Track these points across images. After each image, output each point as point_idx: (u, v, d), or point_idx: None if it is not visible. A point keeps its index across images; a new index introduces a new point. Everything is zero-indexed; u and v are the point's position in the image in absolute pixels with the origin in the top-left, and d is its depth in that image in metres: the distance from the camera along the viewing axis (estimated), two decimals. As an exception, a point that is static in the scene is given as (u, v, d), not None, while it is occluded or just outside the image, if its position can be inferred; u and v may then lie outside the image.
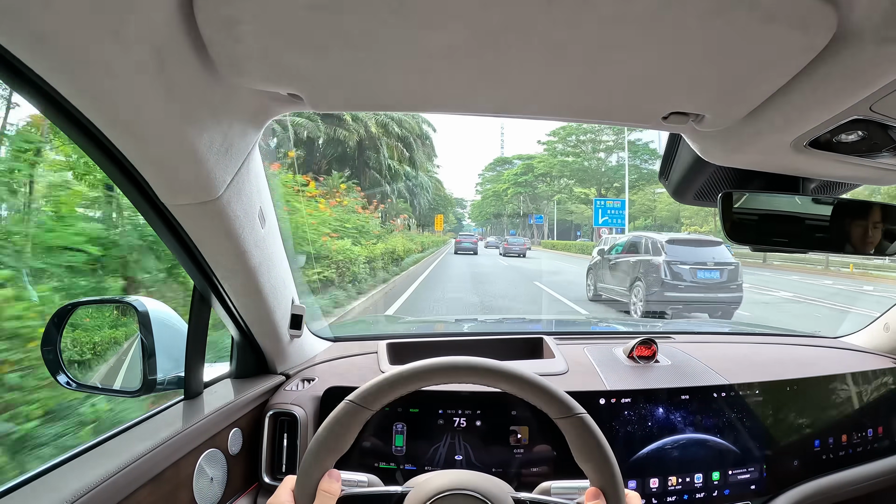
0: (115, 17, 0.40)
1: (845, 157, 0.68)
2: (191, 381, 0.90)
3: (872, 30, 0.42)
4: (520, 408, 1.00)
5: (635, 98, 0.57)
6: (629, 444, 1.01)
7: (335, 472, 0.61)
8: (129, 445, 0.73)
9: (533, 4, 0.41)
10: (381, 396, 0.62)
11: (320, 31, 0.45)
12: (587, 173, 40.62)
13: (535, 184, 45.23)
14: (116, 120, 0.52)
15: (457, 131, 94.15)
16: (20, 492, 0.63)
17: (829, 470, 1.14)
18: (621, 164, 38.08)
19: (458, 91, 0.57)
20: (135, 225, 2.50)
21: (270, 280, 0.89)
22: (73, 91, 0.48)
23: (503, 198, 50.09)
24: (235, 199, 0.70)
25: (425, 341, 1.32)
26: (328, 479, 0.59)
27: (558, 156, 41.92)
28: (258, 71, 0.52)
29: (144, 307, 0.92)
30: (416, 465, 0.98)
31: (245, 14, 0.43)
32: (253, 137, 0.68)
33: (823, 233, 0.79)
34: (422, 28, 0.44)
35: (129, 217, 2.61)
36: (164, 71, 0.47)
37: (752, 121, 0.60)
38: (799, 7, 0.40)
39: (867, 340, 1.46)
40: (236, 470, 0.93)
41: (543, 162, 43.00)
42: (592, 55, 0.48)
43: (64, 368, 0.92)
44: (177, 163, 0.59)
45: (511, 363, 0.64)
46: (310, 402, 1.02)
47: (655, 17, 0.42)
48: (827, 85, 0.50)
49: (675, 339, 1.37)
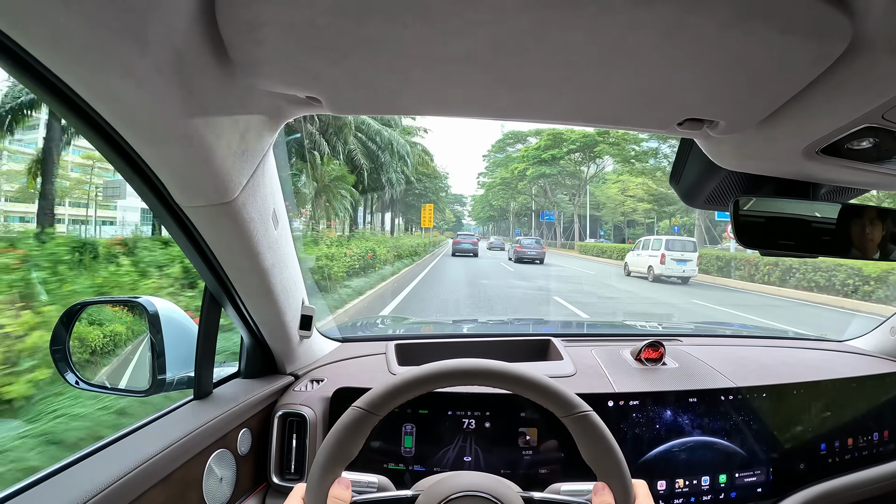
0: (134, 17, 0.40)
1: (856, 164, 0.69)
2: (201, 381, 0.91)
3: (886, 40, 0.42)
4: (528, 409, 1.00)
5: (651, 104, 0.57)
6: (637, 446, 1.01)
7: (345, 480, 0.61)
8: (141, 446, 0.73)
9: (552, 10, 0.41)
10: (389, 402, 0.62)
11: (342, 36, 0.45)
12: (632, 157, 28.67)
13: (563, 164, 31.55)
14: (133, 121, 0.52)
15: (453, 123, 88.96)
16: (33, 491, 0.63)
17: (836, 473, 1.14)
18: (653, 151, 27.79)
19: (477, 95, 0.57)
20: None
21: (282, 281, 0.89)
22: (89, 91, 0.48)
23: (515, 186, 37.03)
24: (251, 200, 0.70)
25: (433, 342, 1.32)
26: (338, 487, 0.59)
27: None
28: (278, 73, 0.52)
29: (154, 306, 0.92)
30: (424, 467, 0.98)
31: (267, 17, 0.43)
32: (269, 139, 0.68)
33: (830, 237, 0.80)
34: (442, 34, 0.44)
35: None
36: (183, 72, 0.47)
37: (766, 127, 0.61)
38: (815, 17, 0.40)
39: (874, 344, 1.47)
40: (245, 470, 0.94)
41: (580, 133, 28.78)
42: (610, 61, 0.48)
43: (73, 367, 0.92)
44: (193, 164, 0.59)
45: (519, 365, 0.64)
46: (319, 403, 1.02)
47: (674, 25, 0.42)
48: (840, 93, 0.51)
49: (683, 342, 1.38)
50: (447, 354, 0.67)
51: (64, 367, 0.92)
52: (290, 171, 11.93)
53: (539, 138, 32.36)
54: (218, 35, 0.46)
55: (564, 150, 30.58)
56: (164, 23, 0.42)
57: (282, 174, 0.81)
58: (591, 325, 1.86)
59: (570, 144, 30.06)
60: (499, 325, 1.81)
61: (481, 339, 1.39)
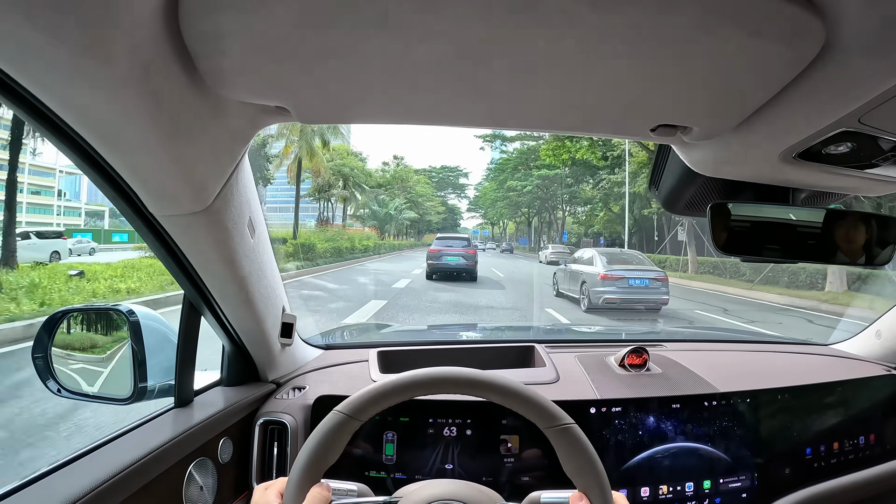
0: (98, 32, 0.40)
1: (835, 169, 0.69)
2: (181, 389, 0.90)
3: (860, 42, 0.42)
4: (510, 416, 1.00)
5: (622, 110, 0.57)
6: (620, 452, 1.01)
7: (324, 483, 0.61)
8: (119, 454, 0.73)
9: (515, 17, 0.41)
10: (370, 407, 0.62)
11: (306, 46, 0.45)
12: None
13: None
14: (103, 132, 0.52)
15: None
16: (9, 500, 0.62)
17: (822, 478, 1.14)
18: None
19: (445, 104, 0.57)
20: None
21: (260, 289, 0.89)
22: (58, 103, 0.48)
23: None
24: (224, 209, 0.70)
25: (416, 349, 1.31)
26: (317, 489, 0.59)
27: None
28: (245, 84, 0.52)
29: (135, 314, 0.92)
30: (406, 474, 0.97)
31: (229, 28, 0.43)
32: (241, 148, 0.68)
33: (814, 242, 0.80)
34: (406, 42, 0.44)
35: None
36: (151, 84, 0.47)
37: (741, 133, 0.61)
38: (786, 20, 0.40)
39: (859, 347, 1.47)
40: (226, 479, 0.93)
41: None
42: (577, 68, 0.48)
43: (54, 375, 0.92)
44: (164, 174, 0.59)
45: (500, 373, 0.64)
46: (300, 411, 1.02)
47: (640, 30, 0.42)
48: (815, 97, 0.50)
49: (667, 347, 1.38)
50: (430, 361, 0.67)
51: (46, 374, 0.92)
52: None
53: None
54: (184, 47, 0.46)
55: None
56: (129, 37, 0.42)
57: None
58: (575, 331, 1.85)
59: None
60: (482, 332, 1.80)
61: (464, 346, 1.38)
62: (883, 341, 1.41)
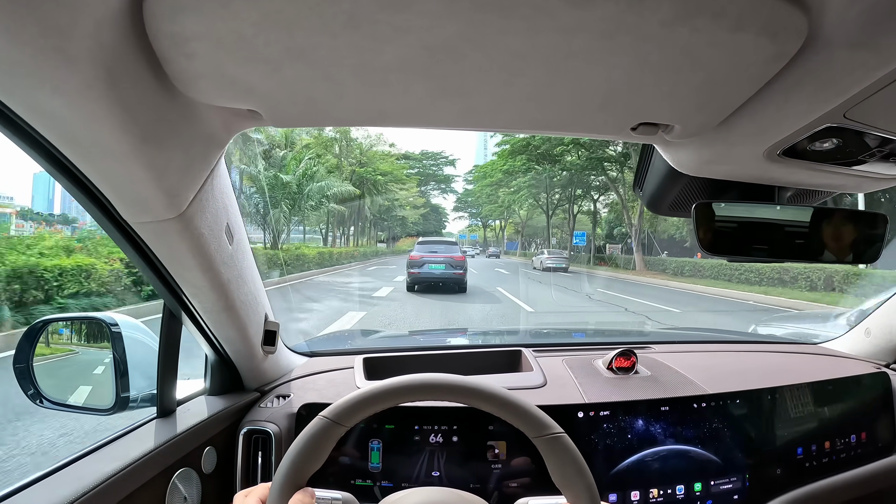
0: (57, 35, 0.39)
1: (820, 166, 0.68)
2: (163, 398, 0.89)
3: (844, 35, 0.41)
4: (497, 423, 0.98)
5: (601, 109, 0.56)
6: (609, 457, 1.00)
7: (309, 490, 0.60)
8: (99, 466, 0.71)
9: (484, 14, 0.40)
10: (355, 413, 0.61)
11: (271, 47, 0.44)
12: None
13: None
14: (70, 137, 0.51)
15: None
16: None
17: (813, 477, 1.14)
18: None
19: (417, 105, 0.56)
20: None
21: (241, 297, 0.87)
22: (24, 108, 0.47)
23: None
24: (199, 216, 0.69)
25: (402, 356, 1.30)
26: (301, 495, 0.58)
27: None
28: (213, 87, 0.51)
29: (116, 323, 0.91)
30: (392, 482, 0.96)
31: (194, 30, 0.42)
32: (216, 153, 0.67)
33: (801, 241, 0.79)
34: (374, 41, 0.43)
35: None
36: (116, 87, 0.46)
37: (724, 130, 0.60)
38: (767, 13, 0.39)
39: (849, 346, 1.47)
40: (210, 489, 0.92)
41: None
42: (552, 65, 0.47)
43: (35, 384, 0.90)
44: (136, 180, 0.57)
45: (487, 379, 0.63)
46: (284, 420, 1.00)
47: (615, 25, 0.40)
48: (799, 92, 0.50)
49: (655, 349, 1.37)
50: (416, 368, 0.66)
51: (27, 384, 0.91)
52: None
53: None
54: (151, 50, 0.45)
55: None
56: (91, 39, 0.41)
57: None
58: (562, 334, 1.84)
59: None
60: (469, 337, 1.79)
61: (451, 352, 1.36)
62: (872, 339, 1.40)
